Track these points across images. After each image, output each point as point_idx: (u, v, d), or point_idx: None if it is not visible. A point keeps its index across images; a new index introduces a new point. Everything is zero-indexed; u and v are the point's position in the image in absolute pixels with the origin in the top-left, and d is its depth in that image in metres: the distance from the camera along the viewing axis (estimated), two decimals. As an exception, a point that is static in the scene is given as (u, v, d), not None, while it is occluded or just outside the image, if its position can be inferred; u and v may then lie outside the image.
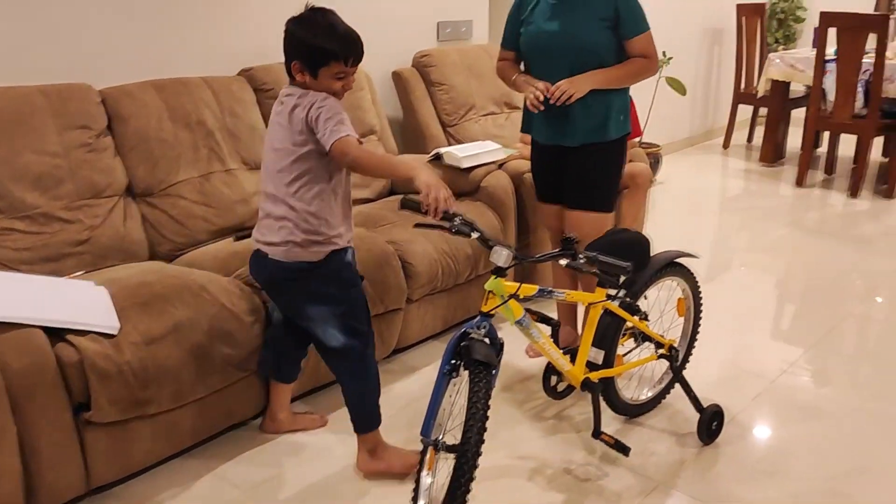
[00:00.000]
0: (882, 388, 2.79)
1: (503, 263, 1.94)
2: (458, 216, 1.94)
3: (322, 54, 1.96)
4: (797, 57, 5.44)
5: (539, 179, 2.82)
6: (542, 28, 2.57)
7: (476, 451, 1.81)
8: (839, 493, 2.21)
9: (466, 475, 1.79)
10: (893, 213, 4.76)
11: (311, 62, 1.98)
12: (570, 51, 2.53)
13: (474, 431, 1.80)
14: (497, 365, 1.91)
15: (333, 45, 1.97)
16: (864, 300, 3.52)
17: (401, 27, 3.84)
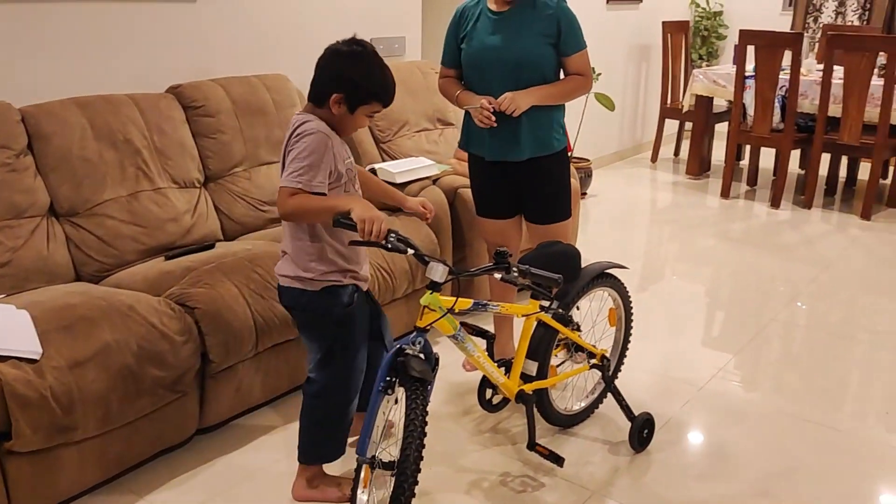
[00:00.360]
0: (805, 391, 2.90)
1: (439, 278, 1.95)
2: (393, 233, 1.93)
3: (369, 95, 2.00)
4: (719, 73, 5.65)
5: (479, 195, 2.83)
6: (485, 43, 2.59)
7: (416, 468, 1.81)
8: (767, 494, 2.29)
9: (407, 492, 1.79)
10: (812, 223, 4.98)
11: (354, 99, 1.99)
12: (512, 65, 2.55)
13: (413, 448, 1.80)
14: (432, 380, 1.92)
15: (383, 90, 2.01)
16: (787, 306, 3.66)
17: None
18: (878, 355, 3.19)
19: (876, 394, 2.90)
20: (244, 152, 3.13)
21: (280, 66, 3.55)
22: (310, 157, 1.93)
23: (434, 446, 2.47)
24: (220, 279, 2.44)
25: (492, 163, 2.69)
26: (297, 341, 2.61)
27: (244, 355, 2.43)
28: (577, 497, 2.26)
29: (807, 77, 5.21)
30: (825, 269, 4.13)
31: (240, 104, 3.14)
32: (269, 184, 3.19)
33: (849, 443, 2.56)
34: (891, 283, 3.98)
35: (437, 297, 1.96)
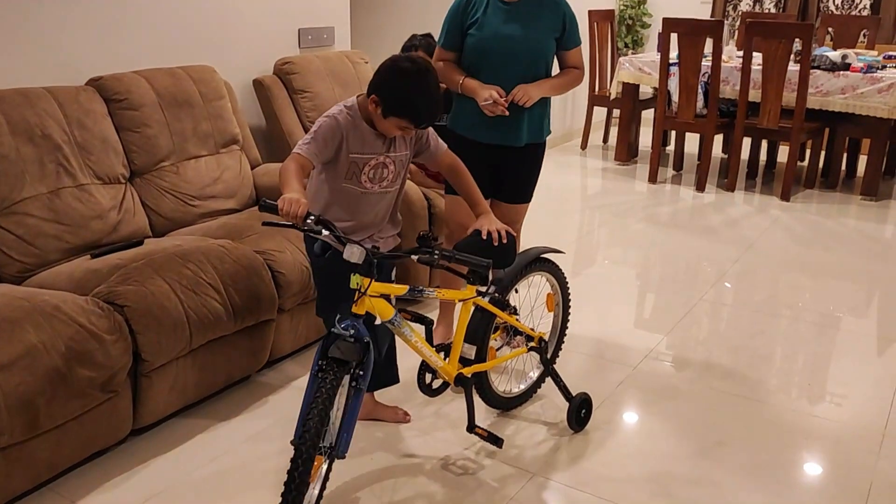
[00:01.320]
0: (732, 367, 3.01)
1: (356, 260, 1.93)
2: (311, 216, 1.93)
3: (400, 110, 2.11)
4: (644, 61, 5.78)
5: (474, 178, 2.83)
6: (499, 31, 2.66)
7: (312, 445, 1.78)
8: (699, 467, 2.37)
9: (300, 469, 1.77)
10: (734, 205, 5.15)
11: (388, 108, 2.11)
12: (525, 55, 2.68)
13: (312, 425, 1.78)
14: (361, 362, 1.91)
15: (413, 110, 2.11)
16: (714, 286, 3.78)
17: (261, 34, 3.78)
18: (801, 330, 3.33)
19: (799, 367, 3.02)
20: (171, 146, 3.05)
21: (207, 57, 3.47)
22: (314, 133, 2.17)
23: (374, 432, 2.48)
24: (150, 276, 2.38)
25: (483, 145, 2.77)
26: (232, 336, 2.57)
27: (178, 352, 2.37)
28: (519, 477, 2.29)
29: (728, 63, 5.39)
30: (748, 249, 4.28)
31: (165, 97, 3.06)
32: (198, 178, 3.12)
33: (775, 414, 2.67)
34: (810, 260, 4.15)
35: (360, 280, 1.95)
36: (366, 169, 2.23)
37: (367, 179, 2.25)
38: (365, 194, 2.27)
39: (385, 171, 2.27)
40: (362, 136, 2.20)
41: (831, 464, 2.40)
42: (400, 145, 2.28)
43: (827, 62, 5.07)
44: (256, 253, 2.70)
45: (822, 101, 5.08)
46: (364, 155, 2.21)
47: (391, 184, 2.31)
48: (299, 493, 1.78)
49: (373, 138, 2.21)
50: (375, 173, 2.26)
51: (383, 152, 2.24)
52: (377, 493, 2.21)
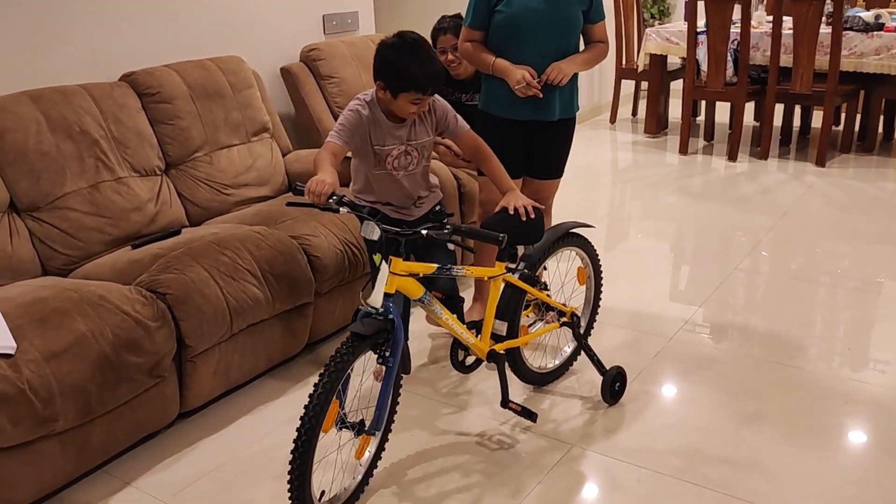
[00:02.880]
0: (770, 335, 3.00)
1: (372, 236, 1.98)
2: (333, 195, 1.99)
3: (404, 83, 2.16)
4: (671, 31, 5.71)
5: (507, 156, 2.76)
6: (528, 6, 2.66)
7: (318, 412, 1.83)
8: (739, 435, 2.38)
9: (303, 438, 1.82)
10: (768, 173, 5.09)
11: (392, 85, 2.18)
12: (555, 29, 2.69)
13: (320, 387, 1.84)
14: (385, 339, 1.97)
15: (414, 79, 2.15)
16: (749, 255, 3.76)
17: (286, 22, 3.81)
18: (840, 296, 3.30)
19: (839, 333, 3.00)
20: (204, 137, 3.12)
21: (234, 47, 3.52)
22: (341, 123, 2.27)
23: (409, 410, 2.52)
24: (189, 264, 2.45)
25: (516, 122, 2.80)
26: (271, 321, 2.63)
27: (220, 337, 2.44)
28: (554, 450, 2.33)
29: (757, 29, 5.29)
30: (783, 217, 4.23)
31: (196, 88, 3.12)
32: (231, 167, 3.19)
33: (814, 381, 2.66)
34: (847, 226, 4.09)
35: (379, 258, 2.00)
36: (389, 159, 2.33)
37: (393, 168, 2.35)
38: (394, 178, 2.37)
39: (409, 157, 2.36)
40: (383, 129, 2.29)
41: (873, 427, 2.40)
42: (421, 132, 2.35)
43: (860, 23, 4.95)
44: (292, 238, 2.76)
45: (856, 63, 4.97)
46: (386, 147, 2.31)
47: (416, 166, 2.40)
48: (303, 464, 1.83)
49: (393, 129, 2.29)
50: (400, 161, 2.35)
51: (404, 141, 2.32)
52: (414, 470, 2.26)
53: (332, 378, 1.86)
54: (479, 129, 2.87)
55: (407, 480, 2.21)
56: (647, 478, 2.20)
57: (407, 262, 2.04)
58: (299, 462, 1.84)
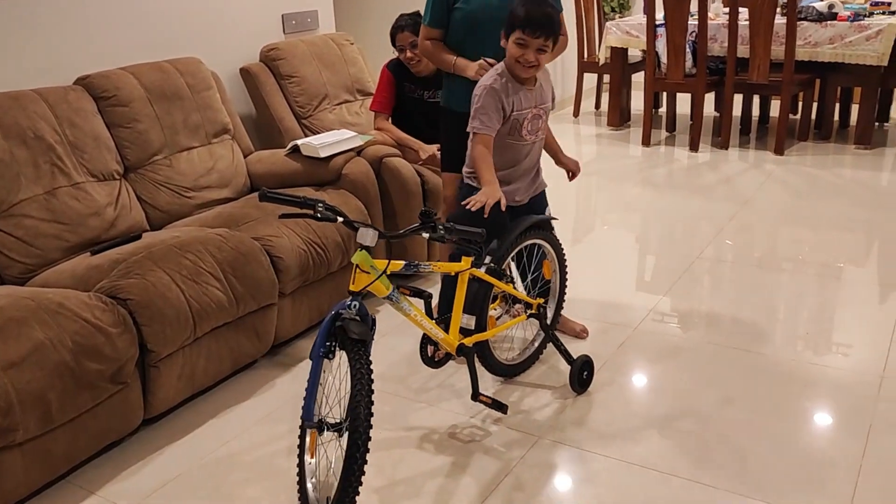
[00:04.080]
0: (733, 322, 3.04)
1: (370, 242, 1.99)
2: (320, 203, 1.97)
3: (511, 20, 2.37)
4: (631, 24, 5.76)
5: (455, 152, 2.81)
6: (487, 2, 2.66)
7: (368, 425, 1.85)
8: (706, 422, 2.41)
9: (361, 448, 1.84)
10: (729, 162, 5.16)
11: (506, 30, 2.40)
12: None
13: (363, 406, 1.85)
14: (370, 340, 1.96)
15: (519, 15, 2.33)
16: (712, 243, 3.81)
17: (245, 22, 3.78)
18: (801, 282, 3.36)
19: (801, 318, 3.05)
20: (163, 139, 3.08)
21: (192, 48, 3.48)
22: (479, 107, 2.43)
23: (382, 408, 2.52)
24: (150, 268, 2.41)
25: None
26: (236, 323, 2.61)
27: (183, 341, 2.42)
28: (525, 441, 2.34)
29: (714, 21, 5.36)
30: (744, 205, 4.30)
31: (153, 91, 3.08)
32: (192, 170, 3.15)
33: (777, 366, 2.71)
34: (806, 213, 4.17)
35: (367, 256, 1.99)
36: (525, 123, 2.49)
37: (528, 132, 2.51)
38: (524, 146, 2.55)
39: (539, 121, 2.54)
40: (517, 95, 2.45)
41: (833, 409, 2.44)
42: (546, 96, 2.55)
43: (814, 13, 5.05)
44: (254, 239, 2.73)
45: (810, 53, 5.06)
46: (522, 111, 2.47)
47: (542, 131, 2.59)
48: (358, 480, 1.85)
49: (524, 94, 2.46)
50: (532, 125, 2.52)
51: (535, 105, 2.49)
52: (386, 466, 2.26)
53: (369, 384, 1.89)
54: (442, 126, 2.89)
55: (378, 476, 2.20)
56: (615, 466, 2.22)
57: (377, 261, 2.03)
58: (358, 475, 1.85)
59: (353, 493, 1.84)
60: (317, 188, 3.25)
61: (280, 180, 3.32)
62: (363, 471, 1.85)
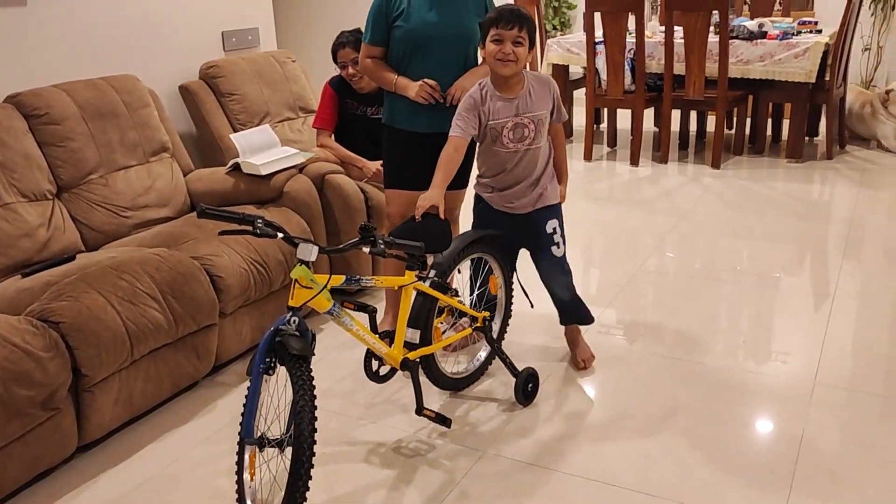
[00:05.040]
0: (674, 332, 3.10)
1: (311, 258, 1.98)
2: (260, 219, 1.95)
3: (484, 27, 2.45)
4: (572, 41, 5.87)
5: (399, 168, 2.86)
6: (426, 19, 2.66)
7: (312, 441, 1.85)
8: (645, 431, 2.44)
9: (306, 464, 1.82)
10: (669, 176, 5.28)
11: (482, 36, 2.48)
12: (454, 42, 2.72)
13: (306, 421, 1.84)
14: (311, 355, 1.94)
15: (491, 16, 2.43)
16: (653, 255, 3.88)
17: (184, 40, 3.73)
18: (739, 292, 3.44)
19: (737, 327, 3.13)
20: (98, 158, 3.01)
21: (129, 66, 3.42)
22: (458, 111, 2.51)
23: (328, 424, 2.49)
24: (84, 290, 2.35)
25: (420, 135, 2.78)
26: (175, 344, 2.55)
27: (120, 365, 2.35)
28: (469, 455, 2.33)
29: (651, 39, 5.50)
30: (683, 218, 4.40)
31: (87, 109, 3.02)
32: (129, 188, 3.09)
33: (716, 374, 2.76)
34: (742, 224, 4.29)
35: (307, 271, 1.98)
36: (505, 131, 2.51)
37: (510, 141, 2.52)
38: (509, 153, 2.55)
39: (525, 130, 2.52)
40: (495, 104, 2.48)
41: (769, 415, 2.50)
42: (535, 105, 2.52)
43: (745, 31, 5.22)
44: (193, 259, 2.68)
45: (742, 70, 5.23)
46: (499, 120, 2.49)
47: (533, 141, 2.55)
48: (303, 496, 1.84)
49: (503, 103, 2.48)
50: (515, 134, 2.52)
51: (515, 114, 2.50)
52: (330, 482, 2.23)
53: (312, 399, 1.88)
54: (385, 143, 2.89)
55: (322, 492, 2.17)
56: (558, 478, 2.23)
57: (318, 276, 2.01)
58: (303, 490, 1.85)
59: None
60: (258, 206, 3.21)
61: (221, 198, 3.27)
62: (308, 486, 1.84)
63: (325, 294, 2.04)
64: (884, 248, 3.86)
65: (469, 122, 2.48)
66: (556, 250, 2.72)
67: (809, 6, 6.89)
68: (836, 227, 4.16)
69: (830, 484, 2.15)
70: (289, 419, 1.91)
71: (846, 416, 2.47)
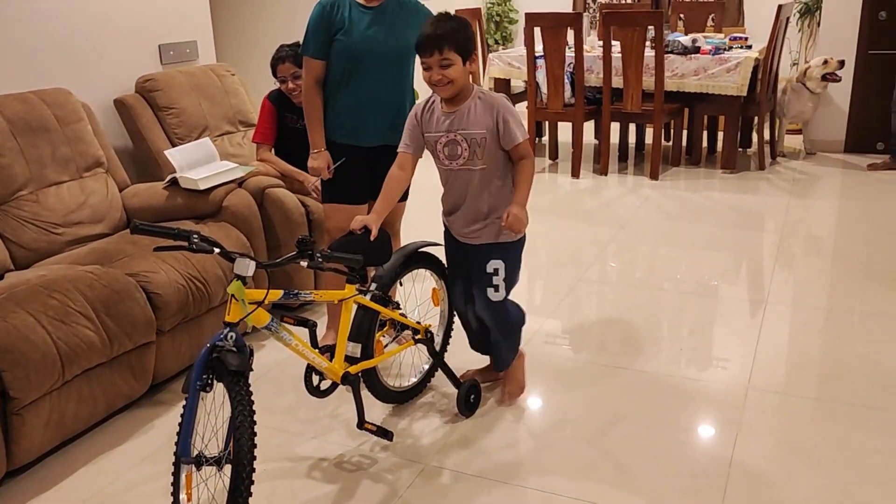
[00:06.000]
0: (614, 341, 3.15)
1: (248, 273, 1.96)
2: (195, 234, 1.93)
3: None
4: (513, 55, 5.95)
5: (339, 183, 2.85)
6: (367, 35, 2.67)
7: (252, 457, 1.83)
8: (593, 440, 2.47)
9: (246, 481, 1.80)
10: (609, 188, 5.38)
11: None
12: (394, 58, 2.73)
13: (245, 437, 1.82)
14: (249, 371, 1.92)
15: (416, 40, 2.34)
16: (593, 265, 3.94)
17: (119, 53, 3.66)
18: (678, 300, 3.52)
19: (679, 334, 3.20)
20: (28, 174, 2.93)
21: (61, 79, 3.34)
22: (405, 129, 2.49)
23: (268, 440, 2.46)
24: (11, 310, 2.28)
25: (362, 149, 2.80)
26: (110, 364, 2.49)
27: (50, 386, 2.28)
28: (412, 468, 2.33)
29: (590, 53, 5.61)
30: (623, 228, 4.48)
31: (17, 123, 2.93)
32: (61, 205, 3.01)
33: (657, 381, 2.81)
34: (680, 234, 4.39)
35: (241, 288, 1.95)
36: (439, 147, 2.43)
37: (445, 157, 2.44)
38: (451, 171, 2.46)
39: (458, 147, 2.40)
40: (434, 118, 2.42)
41: (705, 420, 2.56)
42: (471, 124, 2.37)
43: (679, 46, 5.37)
44: (129, 276, 2.63)
45: (678, 84, 5.37)
46: (433, 133, 2.42)
47: (468, 161, 2.41)
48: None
49: (439, 119, 2.41)
50: (449, 151, 2.42)
51: (447, 130, 2.39)
52: (272, 498, 2.20)
53: (251, 415, 1.86)
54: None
55: (262, 516, 2.14)
56: (499, 488, 2.24)
57: (253, 290, 1.99)
58: None
59: None
60: (197, 221, 3.16)
61: (158, 214, 3.21)
62: (248, 503, 1.80)
63: (261, 309, 2.01)
64: (814, 255, 4.00)
65: (412, 137, 2.46)
66: (493, 293, 2.48)
67: (740, 22, 7.13)
68: (768, 236, 4.30)
69: (763, 487, 2.21)
70: (227, 436, 1.88)
71: (778, 420, 2.54)
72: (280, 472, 2.33)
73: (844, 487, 2.20)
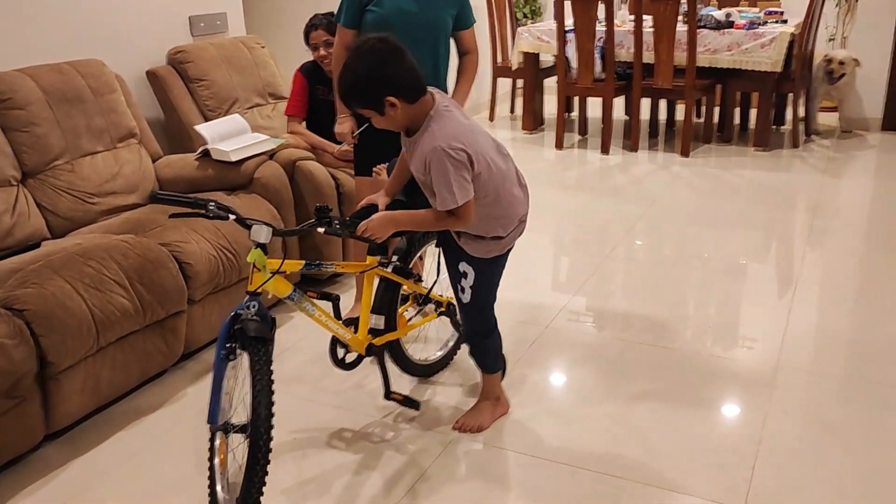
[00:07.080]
0: (641, 318, 3.14)
1: (264, 240, 1.98)
2: (212, 202, 1.95)
3: None
4: (543, 30, 5.89)
5: (368, 156, 2.83)
6: (401, 7, 2.66)
7: (269, 425, 1.85)
8: (618, 416, 2.48)
9: (263, 449, 1.83)
10: (639, 164, 5.33)
11: None
12: (426, 32, 2.71)
13: (263, 405, 1.84)
14: (271, 338, 1.95)
15: None
16: (622, 243, 3.92)
17: (151, 24, 3.68)
18: (707, 278, 3.50)
19: (707, 313, 3.18)
20: (64, 144, 2.97)
21: (95, 51, 3.37)
22: None
23: (295, 412, 2.50)
24: (49, 277, 2.33)
25: None
26: (143, 332, 2.54)
27: (86, 352, 2.34)
28: (437, 441, 2.36)
29: (621, 28, 5.53)
30: (652, 205, 4.45)
31: (53, 94, 2.97)
32: (96, 174, 3.05)
33: (683, 359, 2.81)
34: (710, 212, 4.35)
35: (262, 256, 1.98)
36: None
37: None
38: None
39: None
40: None
41: (733, 398, 2.56)
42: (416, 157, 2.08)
43: (712, 21, 5.27)
44: (161, 245, 2.67)
45: (710, 59, 5.28)
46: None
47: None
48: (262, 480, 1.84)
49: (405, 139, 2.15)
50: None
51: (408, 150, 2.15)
52: (295, 467, 2.24)
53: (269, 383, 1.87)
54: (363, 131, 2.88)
55: (287, 477, 2.18)
56: (524, 461, 2.26)
57: (274, 260, 2.01)
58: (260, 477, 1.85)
59: (257, 494, 1.83)
60: (228, 193, 3.19)
61: (190, 185, 3.25)
62: (266, 470, 1.84)
63: (281, 279, 2.03)
64: (846, 235, 3.95)
65: None
66: (461, 294, 2.32)
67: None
68: (800, 215, 4.24)
69: (792, 465, 2.21)
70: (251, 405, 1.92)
71: (807, 399, 2.53)
72: (306, 441, 2.37)
73: (874, 467, 2.18)
